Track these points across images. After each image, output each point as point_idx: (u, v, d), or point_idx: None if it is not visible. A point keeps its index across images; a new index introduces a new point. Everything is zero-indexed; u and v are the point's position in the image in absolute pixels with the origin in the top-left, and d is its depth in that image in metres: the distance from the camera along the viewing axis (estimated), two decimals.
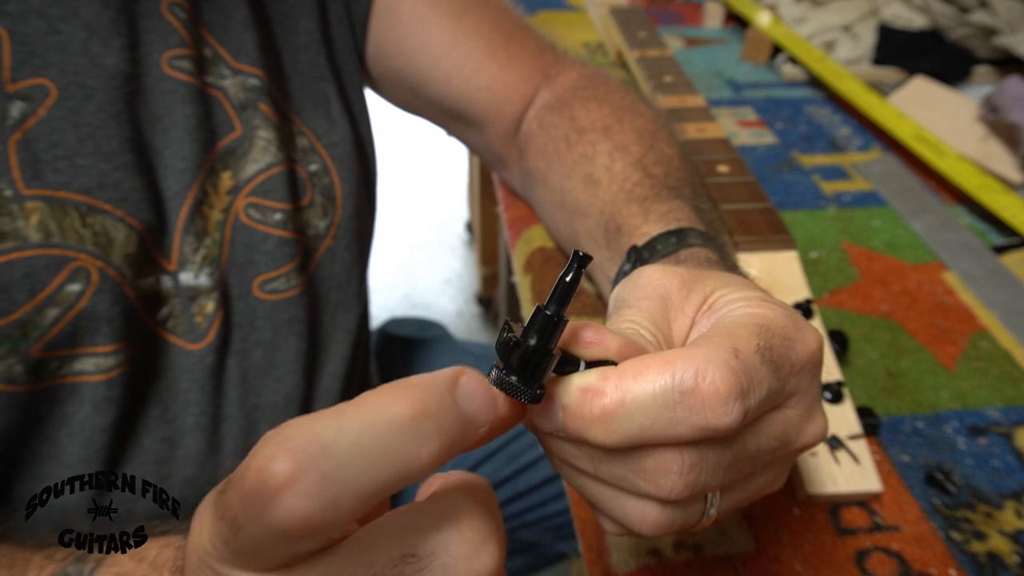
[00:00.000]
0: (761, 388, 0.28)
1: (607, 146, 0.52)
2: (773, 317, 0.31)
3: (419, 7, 0.59)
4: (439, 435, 0.23)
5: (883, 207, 0.73)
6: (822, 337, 0.32)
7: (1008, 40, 0.87)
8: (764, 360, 0.29)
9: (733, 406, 0.27)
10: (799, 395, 0.31)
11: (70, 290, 0.42)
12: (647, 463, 0.28)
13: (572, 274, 0.27)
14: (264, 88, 0.51)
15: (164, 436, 0.49)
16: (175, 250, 0.48)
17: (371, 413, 0.22)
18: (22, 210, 0.41)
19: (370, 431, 0.22)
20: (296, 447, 0.21)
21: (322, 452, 0.21)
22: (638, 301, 0.33)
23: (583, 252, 0.27)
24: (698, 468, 0.28)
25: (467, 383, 0.24)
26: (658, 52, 0.86)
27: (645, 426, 0.27)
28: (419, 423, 0.23)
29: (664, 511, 0.30)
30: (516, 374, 0.27)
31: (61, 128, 0.43)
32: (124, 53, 0.45)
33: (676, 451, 0.28)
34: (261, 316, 0.51)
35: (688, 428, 0.27)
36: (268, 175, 0.51)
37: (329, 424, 0.22)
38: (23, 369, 0.42)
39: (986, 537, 0.44)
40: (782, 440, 0.31)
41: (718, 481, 0.29)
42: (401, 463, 0.22)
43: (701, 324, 0.33)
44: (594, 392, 0.27)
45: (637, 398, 0.27)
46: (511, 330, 0.27)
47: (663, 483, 0.28)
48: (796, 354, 0.30)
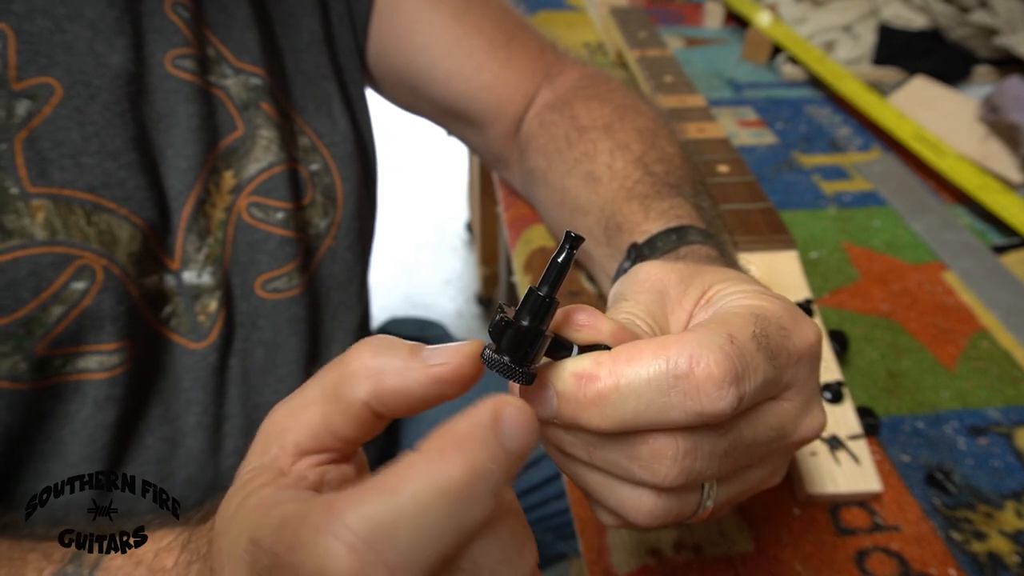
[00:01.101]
0: (756, 375, 0.28)
1: (608, 144, 0.52)
2: (770, 308, 0.31)
3: (420, 6, 0.59)
4: (495, 487, 0.22)
5: (883, 207, 0.73)
6: (821, 331, 0.32)
7: (1008, 40, 0.88)
8: (760, 347, 0.29)
9: (727, 391, 0.27)
10: (796, 387, 0.31)
11: (75, 288, 0.43)
12: (642, 449, 0.28)
13: (564, 255, 0.27)
14: (266, 87, 0.52)
15: (166, 435, 0.49)
16: (178, 249, 0.48)
17: (425, 486, 0.21)
18: (28, 208, 0.41)
19: (428, 508, 0.21)
20: (357, 540, 0.20)
21: (385, 542, 0.20)
22: (635, 295, 0.33)
23: (575, 233, 0.27)
24: (693, 455, 0.28)
25: (510, 417, 0.23)
26: (658, 52, 0.86)
27: (639, 410, 0.27)
28: (475, 486, 0.21)
29: (660, 499, 0.29)
30: (509, 355, 0.27)
31: (66, 127, 0.43)
32: (128, 52, 0.45)
33: (671, 437, 0.28)
34: (263, 315, 0.52)
35: (682, 413, 0.27)
36: (270, 174, 0.51)
37: (387, 507, 0.21)
38: (27, 367, 0.42)
39: (986, 537, 0.44)
40: (779, 432, 0.31)
41: (714, 470, 0.29)
42: (460, 528, 0.22)
43: (699, 317, 0.33)
44: (588, 377, 0.28)
45: (631, 382, 0.27)
46: (504, 312, 0.27)
47: (658, 469, 0.28)
48: (793, 344, 0.30)
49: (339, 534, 0.20)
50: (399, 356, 0.26)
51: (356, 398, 0.26)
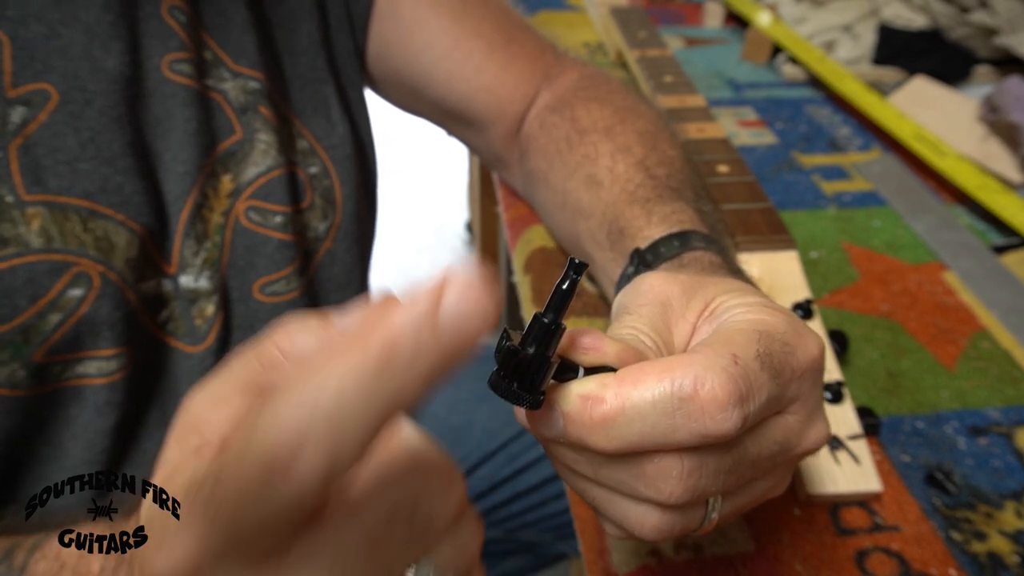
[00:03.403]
0: (760, 394, 0.29)
1: (609, 147, 0.52)
2: (774, 323, 0.31)
3: (420, 8, 0.59)
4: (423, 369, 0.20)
5: (883, 207, 0.73)
6: (824, 343, 0.33)
7: (1008, 40, 0.87)
8: (764, 366, 0.29)
9: (732, 412, 0.27)
10: (800, 401, 0.31)
11: (72, 295, 0.43)
12: (647, 468, 0.29)
13: (568, 282, 0.27)
14: (264, 91, 0.51)
15: (164, 438, 0.49)
16: (175, 253, 0.48)
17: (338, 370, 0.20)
18: (23, 216, 0.41)
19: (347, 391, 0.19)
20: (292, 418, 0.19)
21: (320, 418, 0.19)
22: (639, 308, 0.33)
23: (579, 260, 0.27)
24: (698, 473, 0.29)
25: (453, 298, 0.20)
26: (658, 52, 0.86)
27: (645, 432, 0.28)
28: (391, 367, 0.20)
29: (665, 515, 0.30)
30: (516, 381, 0.27)
31: (62, 133, 0.43)
32: (125, 57, 0.45)
33: (676, 456, 0.28)
34: (261, 319, 0.52)
35: (687, 434, 0.27)
36: (268, 178, 0.51)
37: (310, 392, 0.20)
38: (26, 374, 0.42)
39: (986, 537, 0.44)
40: (783, 445, 0.31)
41: (718, 486, 0.30)
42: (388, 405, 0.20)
43: (702, 330, 0.33)
44: (594, 399, 0.28)
45: (636, 405, 0.27)
46: (509, 338, 0.27)
47: (663, 488, 0.29)
48: (797, 360, 0.31)
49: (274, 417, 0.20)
50: (312, 331, 0.26)
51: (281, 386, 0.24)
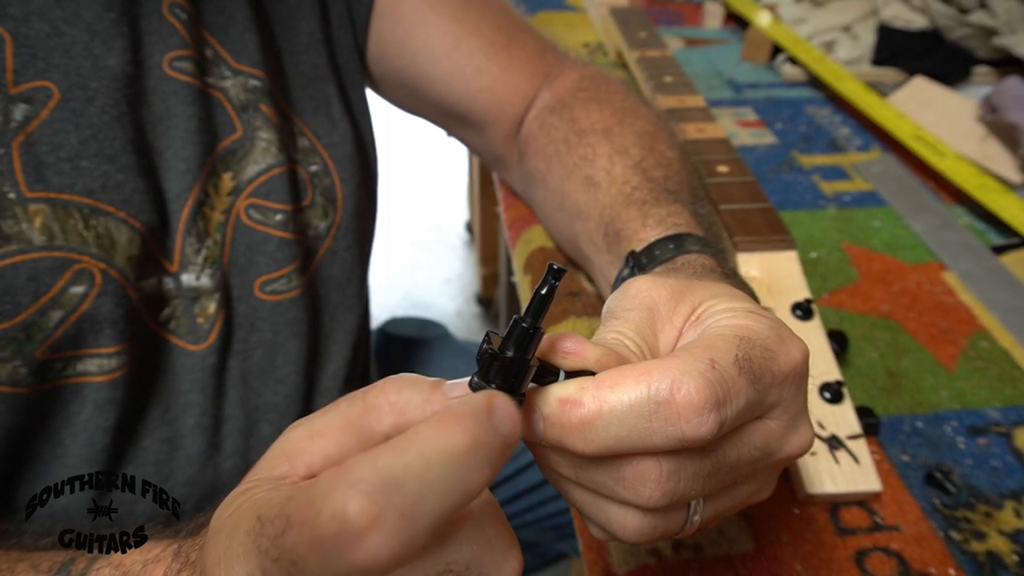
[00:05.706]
0: (738, 399, 0.29)
1: (607, 149, 0.52)
2: (756, 328, 0.31)
3: (420, 8, 0.59)
4: (490, 461, 0.23)
5: (883, 207, 0.73)
6: (808, 349, 0.33)
7: (1008, 40, 0.88)
8: (742, 371, 0.29)
9: (708, 417, 0.28)
10: (782, 406, 0.32)
11: (74, 292, 0.43)
12: (626, 471, 0.29)
13: (547, 287, 0.28)
14: (265, 89, 0.52)
15: (165, 437, 0.49)
16: (177, 251, 0.48)
17: (432, 448, 0.22)
18: (25, 213, 0.41)
19: (435, 466, 0.22)
20: (372, 488, 0.21)
21: (397, 491, 0.22)
22: (625, 312, 0.33)
23: (557, 265, 0.28)
24: (676, 477, 0.29)
25: (501, 407, 0.24)
26: (658, 52, 0.86)
27: (622, 436, 0.28)
28: (474, 454, 0.23)
29: (646, 518, 0.30)
30: (495, 384, 0.27)
31: (64, 130, 0.43)
32: (126, 55, 0.45)
33: (654, 460, 0.29)
34: (262, 317, 0.52)
35: (664, 438, 0.28)
36: (269, 176, 0.51)
37: (395, 461, 0.22)
38: (27, 371, 0.42)
39: (985, 537, 0.44)
40: (764, 451, 0.32)
41: (698, 490, 0.30)
42: (462, 491, 0.23)
43: (688, 335, 0.33)
44: (572, 402, 0.28)
45: (613, 408, 0.28)
46: (490, 342, 0.28)
47: (642, 491, 0.29)
48: (778, 365, 0.31)
49: (353, 483, 0.21)
50: (421, 391, 0.27)
51: (378, 431, 0.27)
